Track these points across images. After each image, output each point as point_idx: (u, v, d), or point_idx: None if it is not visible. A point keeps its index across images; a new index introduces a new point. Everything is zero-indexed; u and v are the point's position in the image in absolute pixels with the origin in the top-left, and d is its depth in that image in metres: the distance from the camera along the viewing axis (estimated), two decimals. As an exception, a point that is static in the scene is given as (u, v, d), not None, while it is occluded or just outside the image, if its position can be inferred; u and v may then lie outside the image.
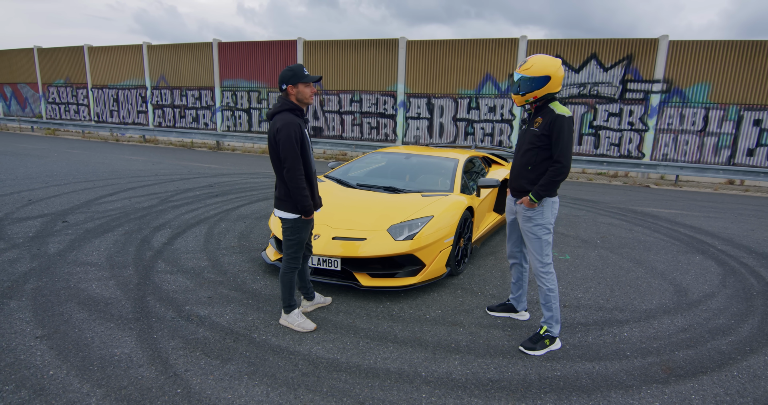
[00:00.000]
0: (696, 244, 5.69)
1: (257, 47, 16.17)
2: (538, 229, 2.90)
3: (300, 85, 2.77)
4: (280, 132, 2.70)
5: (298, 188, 2.75)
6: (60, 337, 2.79)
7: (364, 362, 2.66)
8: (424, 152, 5.55)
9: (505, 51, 13.36)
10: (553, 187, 2.80)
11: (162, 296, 3.44)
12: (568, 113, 2.76)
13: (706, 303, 3.81)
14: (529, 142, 2.87)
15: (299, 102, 2.82)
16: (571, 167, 2.78)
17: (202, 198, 7.09)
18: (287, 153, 2.71)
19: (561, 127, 2.72)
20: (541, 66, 2.75)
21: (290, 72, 2.76)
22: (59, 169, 9.29)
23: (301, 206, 2.81)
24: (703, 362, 2.84)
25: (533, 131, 2.85)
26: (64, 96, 20.31)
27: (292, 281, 2.99)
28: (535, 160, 2.86)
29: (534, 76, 2.74)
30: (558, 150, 2.74)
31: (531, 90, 2.77)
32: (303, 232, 2.93)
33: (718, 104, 11.94)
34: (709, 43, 11.77)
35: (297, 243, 2.92)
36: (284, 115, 2.78)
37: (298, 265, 2.98)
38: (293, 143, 2.70)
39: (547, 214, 2.89)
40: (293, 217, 2.86)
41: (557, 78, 2.75)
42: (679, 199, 9.34)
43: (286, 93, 2.81)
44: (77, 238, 4.79)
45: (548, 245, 2.93)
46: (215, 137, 16.50)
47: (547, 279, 2.91)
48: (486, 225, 5.06)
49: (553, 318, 2.92)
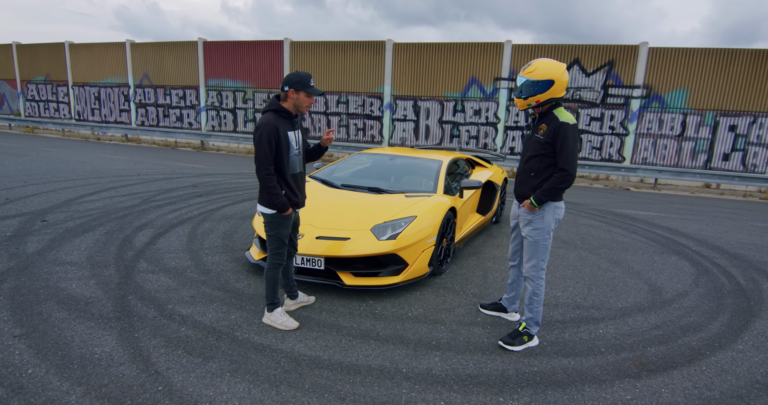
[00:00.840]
0: (672, 245, 5.86)
1: (243, 47, 16.08)
2: (537, 233, 2.89)
3: (302, 93, 2.82)
4: (257, 131, 2.76)
5: (266, 187, 2.80)
6: (39, 336, 2.76)
7: (346, 359, 2.69)
8: (409, 154, 5.62)
9: (490, 55, 13.54)
10: (557, 193, 2.78)
11: (144, 295, 3.42)
12: (573, 120, 2.72)
13: (679, 301, 3.94)
14: (532, 149, 2.85)
15: (294, 107, 2.86)
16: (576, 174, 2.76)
17: (185, 198, 7.03)
18: (258, 152, 2.75)
19: (566, 135, 2.67)
20: (544, 70, 2.70)
21: (297, 77, 2.79)
22: (38, 168, 9.10)
23: (272, 203, 2.84)
24: (674, 358, 2.95)
25: (537, 138, 2.81)
26: (44, 93, 19.87)
27: (276, 278, 3.01)
28: (539, 167, 2.83)
29: (537, 79, 2.70)
30: (563, 158, 2.70)
31: (533, 94, 2.73)
32: (282, 228, 2.94)
33: (696, 110, 12.30)
34: (688, 51, 12.13)
35: (277, 239, 2.94)
36: (268, 115, 2.82)
37: (282, 261, 3.00)
38: (264, 145, 2.73)
39: (548, 218, 2.86)
40: (271, 212, 2.89)
41: (561, 83, 2.70)
42: (657, 202, 9.59)
43: (285, 95, 2.83)
44: (57, 237, 4.72)
45: (546, 251, 2.92)
46: (199, 137, 16.34)
47: (537, 284, 2.94)
48: (469, 226, 5.14)
49: (533, 320, 2.98)
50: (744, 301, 4.02)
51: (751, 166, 12.17)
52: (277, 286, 3.03)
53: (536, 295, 2.95)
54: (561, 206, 2.91)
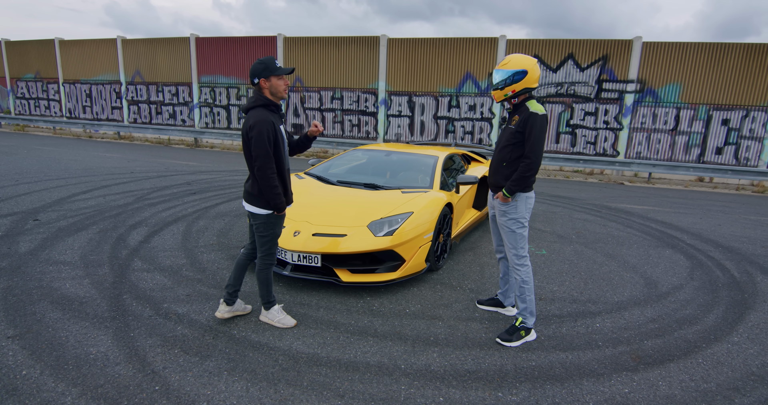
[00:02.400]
0: (666, 239, 5.90)
1: (236, 43, 15.94)
2: (512, 223, 3.00)
3: (273, 79, 2.68)
4: (253, 129, 2.64)
5: (269, 186, 2.71)
6: (33, 337, 2.73)
7: (344, 356, 2.69)
8: (405, 149, 5.60)
9: (485, 50, 13.51)
10: (524, 182, 2.88)
11: (139, 294, 3.39)
12: (542, 111, 2.85)
13: (675, 295, 3.97)
14: (506, 140, 2.98)
15: (273, 96, 2.75)
16: (541, 163, 2.86)
17: (179, 196, 6.97)
18: (259, 152, 2.65)
19: (533, 124, 2.81)
20: (517, 61, 2.86)
21: (261, 65, 2.66)
22: (29, 167, 8.99)
23: (273, 203, 2.76)
24: (671, 351, 2.97)
25: (510, 129, 2.95)
26: (34, 91, 19.61)
27: (268, 278, 2.97)
28: (510, 156, 2.96)
29: (512, 70, 2.85)
30: (528, 146, 2.84)
31: (510, 84, 2.87)
32: (277, 228, 2.89)
33: (689, 104, 12.35)
34: (681, 45, 12.16)
35: (271, 239, 2.88)
36: (258, 111, 2.70)
37: (273, 261, 2.95)
38: (265, 142, 2.65)
39: (521, 208, 2.98)
40: (266, 213, 2.82)
41: (533, 73, 2.85)
42: (651, 196, 9.64)
43: (258, 87, 2.72)
44: (49, 236, 4.67)
45: (523, 239, 3.02)
46: (193, 134, 16.20)
47: (522, 272, 3.00)
48: (465, 221, 5.14)
49: (527, 310, 3.01)
50: (738, 294, 4.05)
51: (743, 159, 12.26)
52: (271, 285, 3.00)
53: (525, 282, 3.00)
54: (531, 196, 3.03)
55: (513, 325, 3.02)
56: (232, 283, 2.99)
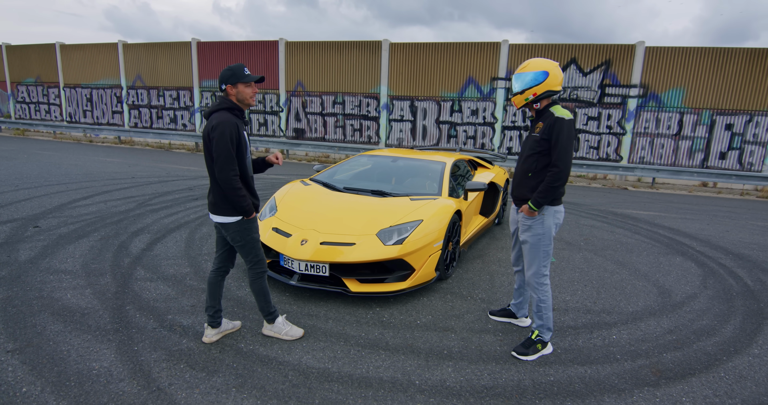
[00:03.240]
0: (675, 246, 5.81)
1: (238, 47, 15.91)
2: (537, 239, 2.80)
3: (240, 85, 2.60)
4: (215, 130, 2.51)
5: (232, 188, 2.55)
6: (33, 351, 2.64)
7: (356, 371, 2.59)
8: (411, 155, 5.52)
9: (487, 55, 13.49)
10: (552, 193, 2.69)
11: (142, 305, 3.30)
12: (568, 116, 2.68)
13: (689, 304, 3.88)
14: (530, 148, 2.80)
15: (239, 102, 2.64)
16: (570, 172, 2.68)
17: (181, 201, 6.89)
18: (220, 151, 2.51)
19: (560, 129, 2.63)
20: (537, 64, 2.73)
21: (229, 72, 2.60)
22: (30, 171, 8.91)
23: (239, 207, 2.60)
24: (691, 364, 2.88)
25: (534, 137, 2.77)
26: (35, 95, 19.56)
27: (264, 288, 2.83)
28: (536, 166, 2.78)
29: (532, 71, 2.71)
30: (556, 154, 2.65)
31: (530, 86, 2.71)
32: (254, 233, 2.74)
33: (692, 109, 12.31)
34: (684, 50, 12.14)
35: (253, 245, 2.72)
36: (221, 113, 2.59)
37: (264, 268, 2.79)
38: (227, 142, 2.51)
39: (548, 223, 2.78)
40: (235, 220, 2.66)
41: (555, 75, 2.70)
42: (656, 201, 9.57)
43: (226, 93, 2.63)
44: (50, 244, 4.58)
45: (547, 257, 2.83)
46: (194, 139, 16.14)
47: (541, 291, 2.85)
48: (473, 228, 5.06)
49: (544, 326, 2.89)
50: (754, 303, 3.97)
51: (747, 164, 12.20)
52: (268, 295, 2.86)
53: (543, 302, 2.86)
54: (561, 210, 2.83)
55: (529, 337, 2.92)
56: (210, 304, 2.83)
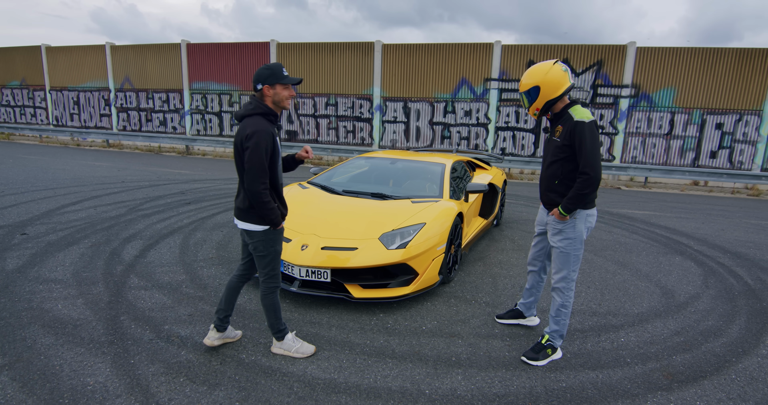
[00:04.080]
0: (673, 245, 5.81)
1: (228, 49, 15.74)
2: (567, 243, 2.73)
3: (278, 87, 2.44)
4: (250, 139, 2.36)
5: (261, 202, 2.43)
6: (23, 366, 2.51)
7: (363, 381, 2.51)
8: (409, 157, 5.45)
9: (480, 55, 13.49)
10: (582, 200, 2.60)
11: (137, 315, 3.18)
12: (589, 118, 2.58)
13: (693, 304, 3.86)
14: (552, 154, 2.72)
15: (275, 105, 2.49)
16: (600, 177, 2.59)
17: (173, 206, 6.74)
18: (253, 163, 2.37)
19: (582, 134, 2.54)
20: (528, 78, 2.70)
21: (268, 70, 2.43)
22: (15, 177, 8.68)
23: (269, 219, 2.49)
24: (702, 366, 2.84)
25: (555, 142, 2.70)
26: (20, 98, 19.16)
27: (276, 304, 2.69)
28: (561, 172, 2.69)
29: (526, 90, 2.72)
30: (583, 160, 2.55)
31: (531, 103, 2.73)
32: (277, 244, 2.63)
33: (683, 108, 12.43)
34: (674, 50, 12.25)
35: (273, 258, 2.60)
36: (256, 119, 2.43)
37: (278, 283, 2.67)
38: (262, 154, 2.37)
39: (580, 227, 2.70)
40: (262, 229, 2.54)
41: (547, 83, 2.62)
42: (650, 201, 9.62)
43: (261, 94, 2.46)
44: (38, 252, 4.42)
45: (577, 261, 2.75)
46: (184, 141, 15.92)
47: (566, 296, 2.78)
48: (473, 230, 5.00)
49: (558, 333, 2.84)
50: (756, 303, 3.96)
51: (737, 163, 12.34)
52: (279, 311, 2.72)
53: (565, 307, 2.80)
54: (593, 214, 2.75)
55: (539, 342, 2.86)
56: (223, 307, 2.71)
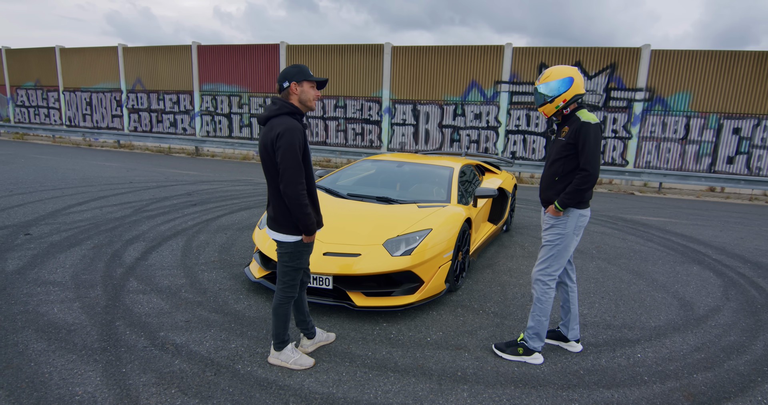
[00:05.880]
0: (691, 254, 5.60)
1: (238, 51, 15.77)
2: (557, 237, 2.80)
3: (305, 84, 2.41)
4: (282, 138, 2.26)
5: (299, 205, 2.33)
6: (12, 374, 2.42)
7: (363, 397, 2.38)
8: (416, 160, 5.33)
9: (490, 58, 13.32)
10: (579, 195, 2.71)
11: (133, 321, 3.09)
12: (595, 120, 2.71)
13: (714, 318, 3.66)
14: (556, 152, 2.81)
15: (301, 104, 2.43)
16: (598, 175, 2.75)
17: (179, 207, 6.69)
18: (289, 163, 2.27)
19: (587, 134, 2.66)
20: (560, 70, 2.78)
21: (296, 69, 2.40)
22: (25, 176, 8.72)
23: (304, 225, 2.39)
24: (724, 386, 2.66)
25: (560, 141, 2.79)
26: (34, 99, 19.42)
27: (288, 314, 2.59)
28: (563, 170, 2.79)
29: (558, 79, 2.75)
30: (584, 157, 2.67)
31: (559, 93, 2.74)
32: (305, 256, 2.55)
33: (699, 113, 12.12)
34: (690, 53, 11.97)
35: (295, 269, 2.53)
36: (284, 118, 2.35)
37: (295, 293, 2.58)
38: (296, 152, 2.28)
39: (571, 224, 2.79)
40: (294, 240, 2.44)
41: (579, 79, 2.76)
42: (665, 207, 9.36)
43: (287, 93, 2.40)
44: (40, 253, 4.37)
45: (561, 258, 2.81)
46: (194, 143, 15.97)
47: (542, 290, 2.81)
48: (482, 236, 4.85)
49: (533, 330, 2.82)
50: (781, 317, 3.75)
51: (755, 169, 11.99)
52: (288, 322, 2.62)
53: (540, 301, 2.80)
54: (585, 214, 2.84)
55: (514, 339, 2.90)
56: (297, 318, 2.79)
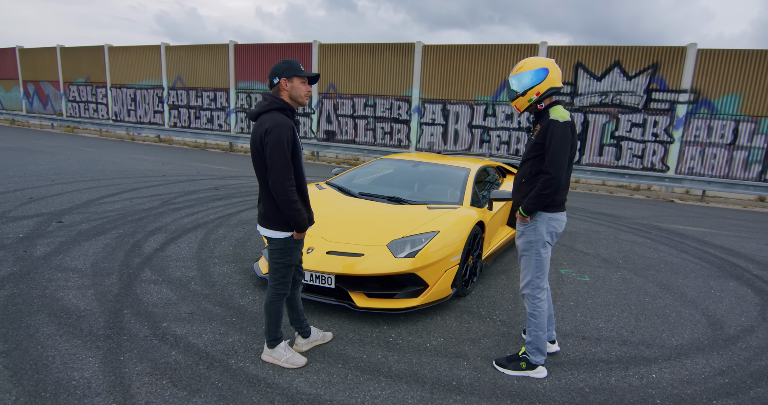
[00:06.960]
0: (728, 268, 5.21)
1: (272, 49, 16.09)
2: (529, 246, 2.66)
3: (296, 80, 2.38)
4: (270, 134, 2.27)
5: (288, 201, 2.33)
6: (19, 355, 2.53)
7: (350, 401, 2.33)
8: (435, 160, 5.22)
9: (524, 57, 12.93)
10: (542, 200, 2.51)
11: (140, 310, 3.17)
12: (564, 118, 2.47)
13: (745, 339, 3.38)
14: (527, 153, 2.66)
15: (292, 100, 2.41)
16: (563, 179, 2.50)
17: (205, 201, 6.87)
18: (276, 159, 2.28)
19: (552, 133, 2.45)
20: (534, 61, 2.56)
21: (286, 64, 2.38)
22: (68, 167, 9.22)
23: (294, 222, 2.39)
24: (747, 415, 2.43)
25: (531, 140, 2.62)
26: (84, 94, 20.58)
27: (280, 311, 2.59)
28: (530, 171, 2.61)
29: (531, 70, 2.54)
30: (548, 159, 2.47)
31: (532, 85, 2.53)
32: (295, 253, 2.54)
33: (749, 117, 11.32)
34: (740, 53, 11.19)
35: (286, 266, 2.52)
36: (273, 114, 2.35)
37: (287, 291, 2.57)
38: (284, 148, 2.29)
39: (541, 230, 2.61)
40: (284, 237, 2.45)
41: (555, 70, 2.55)
42: (706, 216, 8.79)
43: (277, 89, 2.40)
44: (67, 240, 4.59)
45: (540, 266, 2.65)
46: (228, 139, 16.43)
47: (533, 304, 2.66)
48: (498, 241, 4.69)
49: (532, 345, 2.66)
50: (825, 342, 3.41)
51: (813, 178, 11.07)
52: (281, 320, 2.61)
53: (533, 317, 2.65)
54: (557, 218, 2.62)
55: (515, 353, 2.73)
56: (293, 317, 2.78)
